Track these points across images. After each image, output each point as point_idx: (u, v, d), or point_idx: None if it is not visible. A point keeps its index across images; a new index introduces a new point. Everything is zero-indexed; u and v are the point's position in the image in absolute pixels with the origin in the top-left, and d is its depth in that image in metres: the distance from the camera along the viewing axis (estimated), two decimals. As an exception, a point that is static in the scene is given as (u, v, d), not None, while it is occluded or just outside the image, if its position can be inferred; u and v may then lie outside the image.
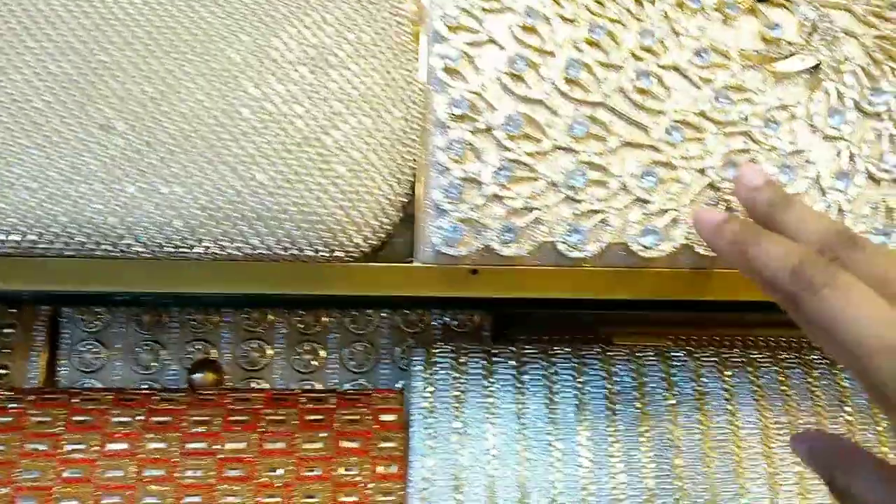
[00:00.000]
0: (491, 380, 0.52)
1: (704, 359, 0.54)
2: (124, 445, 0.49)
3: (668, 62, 0.45)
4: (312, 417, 0.52)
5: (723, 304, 0.44)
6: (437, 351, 0.53)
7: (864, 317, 0.28)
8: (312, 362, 0.60)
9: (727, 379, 0.52)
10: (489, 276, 0.43)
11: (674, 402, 0.51)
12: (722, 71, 0.45)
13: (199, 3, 0.44)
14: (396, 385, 0.58)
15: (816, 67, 0.46)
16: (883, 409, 0.30)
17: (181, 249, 0.41)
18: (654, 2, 0.46)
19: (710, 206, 0.43)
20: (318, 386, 0.59)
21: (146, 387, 0.57)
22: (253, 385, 0.59)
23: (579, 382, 0.52)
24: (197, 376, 0.57)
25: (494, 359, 0.53)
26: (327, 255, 0.42)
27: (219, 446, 0.50)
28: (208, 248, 0.41)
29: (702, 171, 0.43)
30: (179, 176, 0.41)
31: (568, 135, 0.43)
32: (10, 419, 0.48)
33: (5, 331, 0.57)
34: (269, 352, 0.60)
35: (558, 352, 0.54)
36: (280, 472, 0.48)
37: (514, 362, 0.53)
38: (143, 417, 0.51)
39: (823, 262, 0.31)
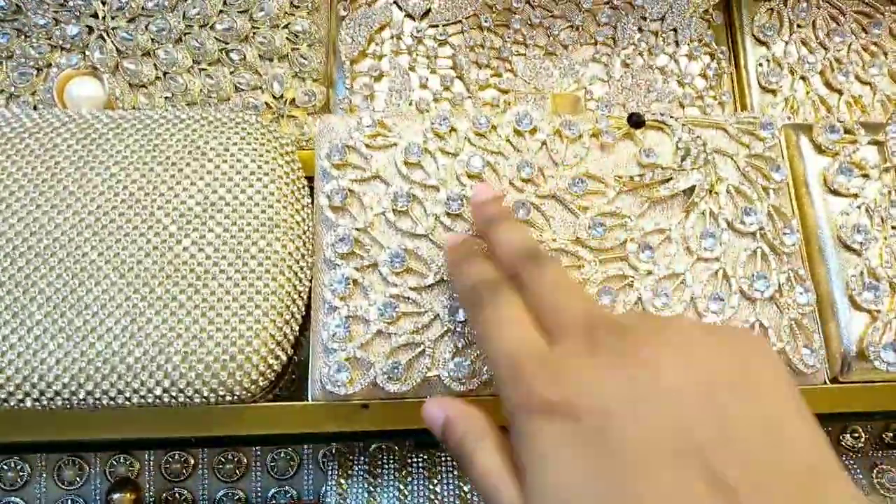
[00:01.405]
0: (406, 491, 0.52)
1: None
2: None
3: (547, 192, 0.47)
4: (223, 541, 0.52)
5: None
6: (352, 462, 0.54)
7: (503, 331, 0.33)
8: (236, 470, 0.60)
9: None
10: (379, 409, 0.44)
11: None
12: (598, 198, 0.47)
13: (85, 161, 0.46)
14: (322, 489, 0.59)
15: (691, 190, 0.48)
16: (505, 412, 0.32)
17: (71, 401, 0.42)
18: (534, 131, 0.48)
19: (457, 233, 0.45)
20: (241, 494, 0.60)
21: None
22: (176, 495, 0.59)
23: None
24: (116, 496, 0.58)
25: (408, 468, 0.54)
26: (215, 400, 0.42)
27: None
28: (99, 399, 0.42)
29: (581, 299, 0.45)
30: (65, 329, 0.42)
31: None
32: None
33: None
34: (192, 461, 0.60)
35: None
36: None
37: (426, 472, 0.54)
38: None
39: (494, 283, 0.35)
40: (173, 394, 0.42)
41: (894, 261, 0.47)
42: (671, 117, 0.49)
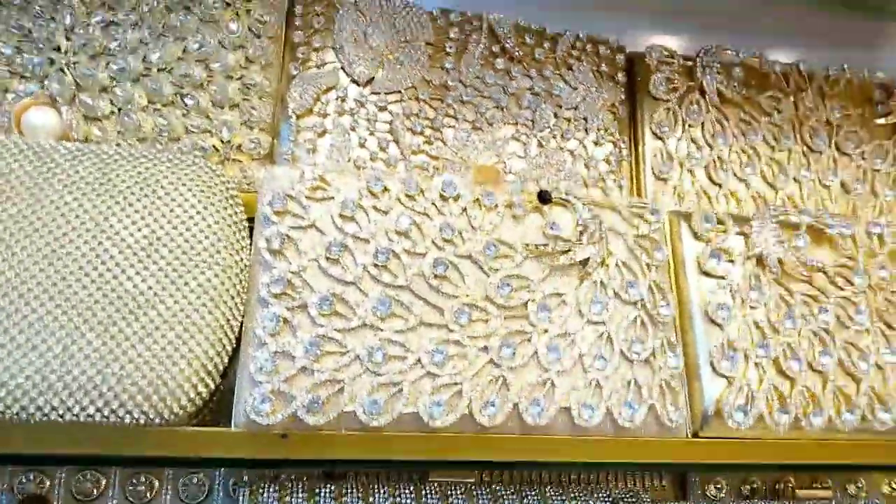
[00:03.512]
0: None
1: (505, 495, 0.61)
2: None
3: (464, 252, 0.53)
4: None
5: (503, 463, 0.51)
6: (263, 490, 0.58)
7: None
8: (147, 493, 0.62)
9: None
10: (298, 440, 0.48)
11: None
12: (507, 261, 0.54)
13: (40, 188, 0.49)
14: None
15: (586, 261, 0.55)
16: None
17: (5, 414, 0.44)
18: (457, 198, 0.55)
19: None
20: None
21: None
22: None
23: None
24: (25, 513, 0.59)
25: (316, 497, 0.58)
26: (145, 422, 0.46)
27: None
28: (32, 414, 0.45)
29: (485, 350, 0.51)
30: (6, 345, 0.44)
31: (374, 314, 0.50)
32: None
33: None
34: (103, 481, 0.62)
35: (377, 490, 0.59)
36: None
37: (333, 501, 0.58)
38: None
39: None
40: (106, 413, 0.45)
41: (749, 335, 0.56)
42: (574, 197, 0.56)
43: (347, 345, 0.49)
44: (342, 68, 0.63)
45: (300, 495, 0.58)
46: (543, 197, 0.55)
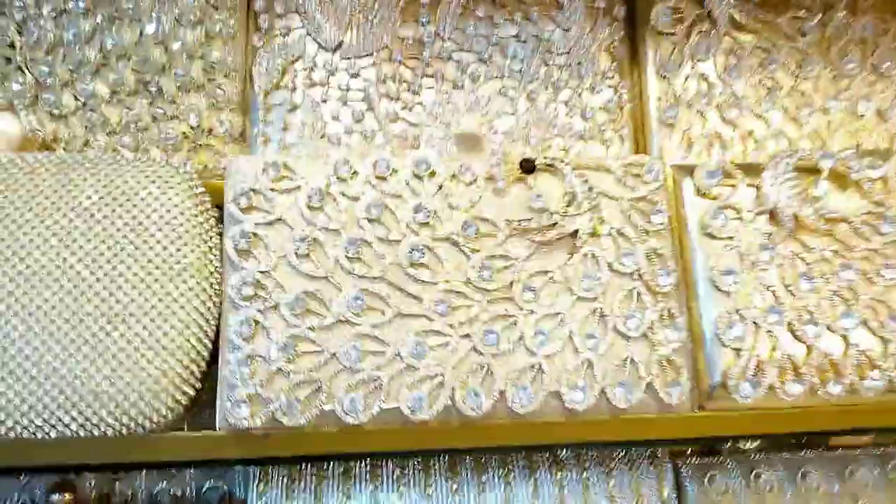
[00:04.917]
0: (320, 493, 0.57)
1: (490, 465, 0.59)
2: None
3: (442, 235, 0.50)
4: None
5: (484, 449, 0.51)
6: (272, 471, 0.59)
7: None
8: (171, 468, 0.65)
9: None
10: (279, 439, 0.48)
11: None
12: (489, 241, 0.50)
13: (1, 195, 0.48)
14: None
15: (575, 234, 0.51)
16: None
17: (-11, 434, 0.46)
18: (433, 174, 0.51)
19: None
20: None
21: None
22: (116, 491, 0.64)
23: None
24: (55, 497, 0.62)
25: (325, 476, 0.59)
26: (127, 433, 0.47)
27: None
28: (20, 434, 0.46)
29: (467, 337, 0.49)
30: (-15, 370, 0.45)
31: (349, 309, 0.48)
32: None
33: None
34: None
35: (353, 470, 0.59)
36: None
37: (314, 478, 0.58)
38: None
39: None
40: (88, 428, 0.46)
41: (759, 301, 0.51)
42: (561, 161, 0.52)
43: (323, 343, 0.48)
44: (308, 34, 0.58)
45: (306, 473, 0.59)
46: (527, 166, 0.51)
